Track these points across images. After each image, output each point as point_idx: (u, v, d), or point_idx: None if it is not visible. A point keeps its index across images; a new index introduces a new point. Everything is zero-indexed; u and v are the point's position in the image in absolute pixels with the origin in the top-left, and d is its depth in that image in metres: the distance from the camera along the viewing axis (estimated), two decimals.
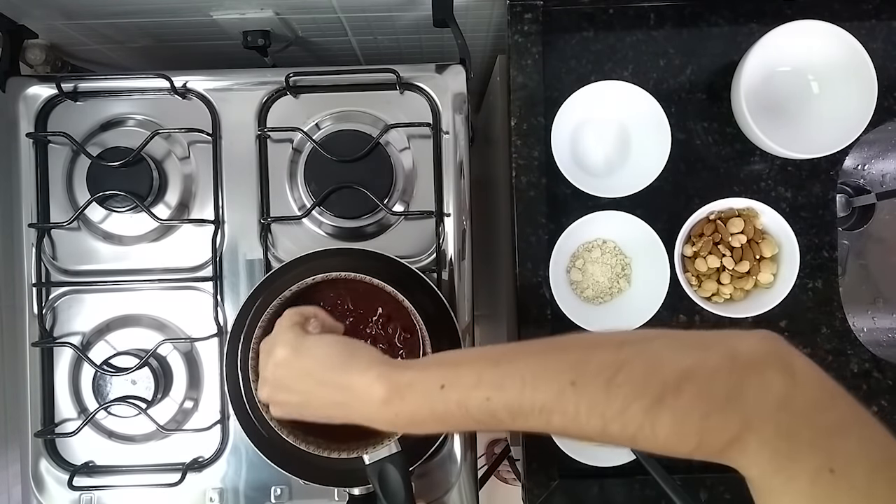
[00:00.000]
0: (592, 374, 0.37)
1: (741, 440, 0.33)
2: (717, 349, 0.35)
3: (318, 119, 0.72)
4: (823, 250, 0.74)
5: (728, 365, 0.34)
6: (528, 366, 0.40)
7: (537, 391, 0.38)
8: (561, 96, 0.71)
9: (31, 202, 0.71)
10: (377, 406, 0.44)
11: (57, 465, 0.71)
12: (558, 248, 0.69)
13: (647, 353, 0.37)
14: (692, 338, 0.38)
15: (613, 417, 0.36)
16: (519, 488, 0.72)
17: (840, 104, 0.69)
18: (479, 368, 0.42)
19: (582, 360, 0.38)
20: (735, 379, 0.34)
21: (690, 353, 0.36)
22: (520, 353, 0.42)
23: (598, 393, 0.36)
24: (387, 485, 0.55)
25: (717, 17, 0.74)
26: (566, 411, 0.37)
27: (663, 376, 0.35)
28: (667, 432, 0.34)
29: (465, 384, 0.41)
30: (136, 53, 0.93)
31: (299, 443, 0.58)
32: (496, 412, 0.40)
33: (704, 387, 0.34)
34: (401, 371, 0.45)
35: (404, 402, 0.43)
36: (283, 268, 0.65)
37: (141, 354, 0.70)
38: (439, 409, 0.42)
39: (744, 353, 0.35)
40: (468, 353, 0.46)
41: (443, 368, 0.44)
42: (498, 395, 0.40)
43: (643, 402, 0.35)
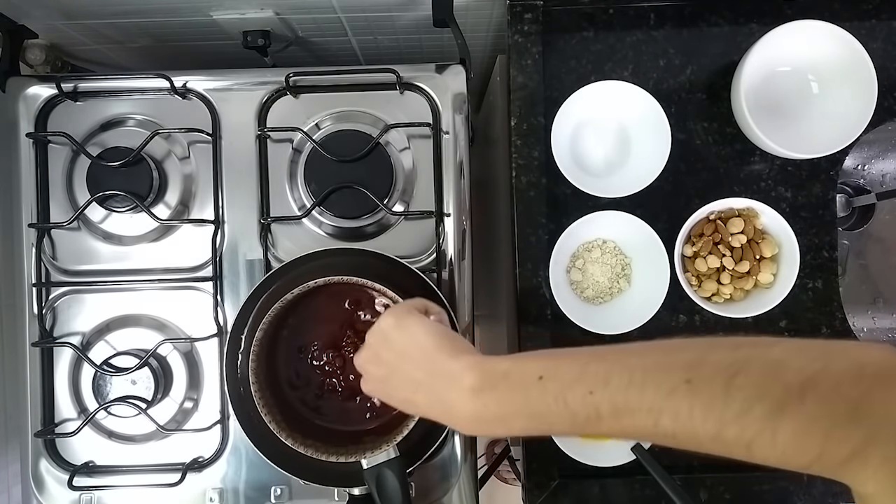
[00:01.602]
0: (710, 373, 0.35)
1: (864, 454, 0.31)
2: (842, 358, 0.34)
3: (318, 119, 0.72)
4: (823, 250, 0.74)
5: (854, 375, 0.33)
6: (639, 361, 0.37)
7: (647, 388, 0.36)
8: (561, 96, 0.71)
9: (31, 202, 0.71)
10: (465, 395, 0.42)
11: (57, 465, 0.71)
12: (558, 248, 0.69)
13: (767, 356, 0.35)
14: (813, 345, 0.36)
15: (731, 420, 0.33)
16: (519, 488, 0.72)
17: (840, 104, 0.69)
18: (583, 361, 0.39)
19: (697, 360, 0.36)
20: (861, 390, 0.32)
21: (814, 359, 0.34)
22: (627, 351, 0.40)
23: (716, 393, 0.34)
24: (384, 490, 0.56)
25: (717, 17, 0.74)
26: (678, 412, 0.35)
27: (786, 381, 0.33)
28: (787, 440, 0.33)
29: (567, 376, 0.39)
30: (136, 53, 0.93)
31: (297, 445, 0.58)
32: (599, 408, 0.37)
33: (829, 396, 0.32)
34: (496, 360, 0.43)
35: (496, 392, 0.41)
36: (283, 268, 0.65)
37: (141, 354, 0.70)
38: (534, 401, 0.39)
39: (871, 364, 0.33)
40: (568, 350, 0.43)
41: (541, 360, 0.41)
42: (603, 389, 0.37)
43: (764, 407, 0.33)
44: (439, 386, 0.44)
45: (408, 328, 0.48)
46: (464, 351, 0.45)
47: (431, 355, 0.45)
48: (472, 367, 0.42)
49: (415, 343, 0.47)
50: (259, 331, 0.59)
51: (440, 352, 0.45)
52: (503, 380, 0.41)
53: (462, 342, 0.48)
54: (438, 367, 0.44)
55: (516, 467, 1.02)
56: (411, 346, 0.47)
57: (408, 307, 0.51)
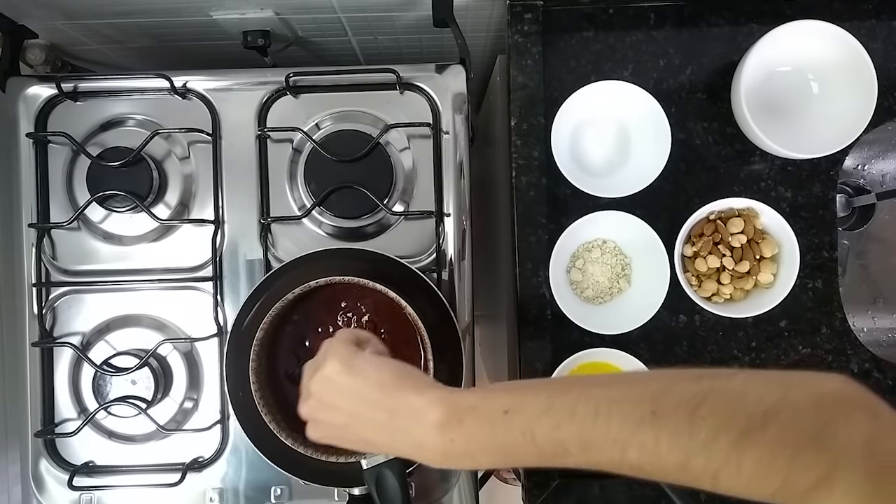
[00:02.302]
0: (674, 404, 0.35)
1: (829, 481, 0.31)
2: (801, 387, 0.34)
3: (318, 119, 0.72)
4: (823, 250, 0.74)
5: (815, 403, 0.33)
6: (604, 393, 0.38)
7: (612, 421, 0.36)
8: (561, 96, 0.71)
9: (31, 202, 0.71)
10: (431, 430, 0.41)
11: (57, 465, 0.71)
12: (558, 248, 0.69)
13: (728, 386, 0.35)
14: (772, 375, 0.36)
15: (697, 451, 0.34)
16: (519, 488, 0.72)
17: (840, 104, 0.69)
18: (549, 394, 0.39)
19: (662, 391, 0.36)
20: (822, 418, 0.32)
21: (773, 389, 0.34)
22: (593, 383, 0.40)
23: (681, 424, 0.35)
24: (384, 490, 0.55)
25: (717, 17, 0.74)
26: (645, 443, 0.35)
27: (748, 411, 0.34)
28: (753, 469, 0.33)
29: (533, 410, 0.39)
30: (136, 53, 0.93)
31: (297, 445, 0.58)
32: (565, 442, 0.37)
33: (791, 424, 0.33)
34: (461, 394, 0.42)
35: (463, 427, 0.40)
36: (283, 268, 0.65)
37: (141, 354, 0.70)
38: (501, 436, 0.39)
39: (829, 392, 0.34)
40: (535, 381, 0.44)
41: (508, 393, 0.41)
42: (569, 422, 0.37)
43: (729, 436, 0.33)
44: (404, 424, 0.43)
45: (357, 371, 0.46)
46: (425, 386, 0.44)
47: (392, 394, 0.44)
48: (437, 402, 0.42)
49: (371, 384, 0.45)
50: (259, 330, 0.59)
51: (402, 389, 0.44)
52: (469, 414, 0.41)
53: (419, 375, 0.46)
54: (401, 405, 0.43)
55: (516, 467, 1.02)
56: (367, 388, 0.45)
57: (346, 347, 0.48)
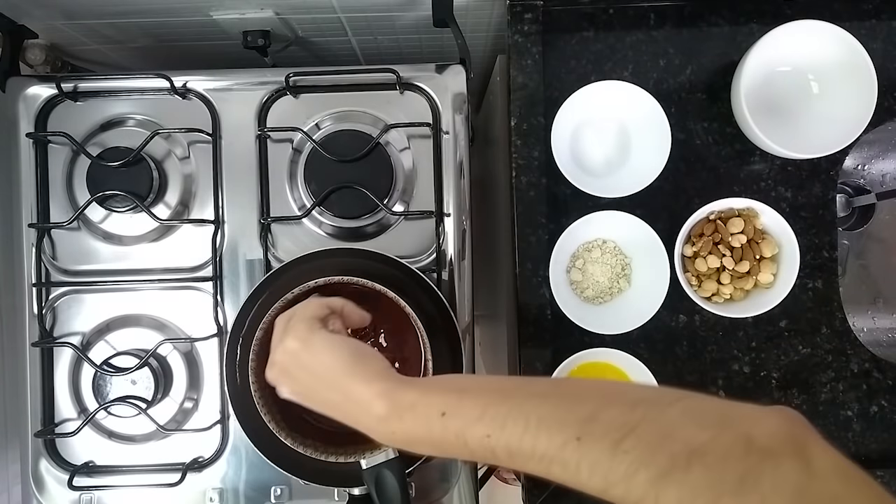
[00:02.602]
0: (600, 432, 0.36)
1: None
2: (735, 428, 0.34)
3: (318, 119, 0.72)
4: (823, 250, 0.74)
5: (743, 448, 0.33)
6: (535, 409, 0.39)
7: (539, 438, 0.37)
8: (561, 96, 0.71)
9: (31, 202, 0.71)
10: (375, 421, 0.44)
11: (57, 465, 0.71)
12: (558, 248, 0.69)
13: (660, 419, 0.35)
14: (711, 409, 0.36)
15: (617, 482, 0.34)
16: (519, 488, 0.72)
17: (840, 104, 0.69)
18: (485, 402, 0.41)
19: (591, 416, 0.37)
20: (749, 463, 0.32)
21: (705, 428, 0.34)
22: (530, 394, 0.41)
23: (604, 454, 0.35)
24: (383, 490, 0.55)
25: (717, 17, 0.74)
26: (567, 464, 0.36)
27: (673, 450, 0.33)
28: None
29: (467, 416, 0.40)
30: (136, 53, 0.93)
31: (297, 445, 0.58)
32: (495, 450, 0.39)
33: (715, 468, 0.33)
34: (404, 390, 0.44)
35: (402, 423, 0.43)
36: (283, 268, 0.65)
37: (141, 354, 0.70)
38: (436, 435, 0.42)
39: (760, 435, 0.33)
40: (477, 382, 0.46)
41: (447, 395, 0.43)
42: (499, 433, 0.39)
43: (649, 473, 0.33)
44: (352, 409, 0.46)
45: (314, 351, 0.48)
46: (374, 375, 0.46)
47: (343, 380, 0.46)
48: (380, 395, 0.44)
49: (325, 367, 0.48)
50: (259, 331, 0.59)
51: (352, 377, 0.46)
52: (409, 412, 0.43)
53: (371, 359, 0.48)
54: (350, 391, 0.46)
55: None
56: (322, 369, 0.48)
57: (308, 323, 0.50)
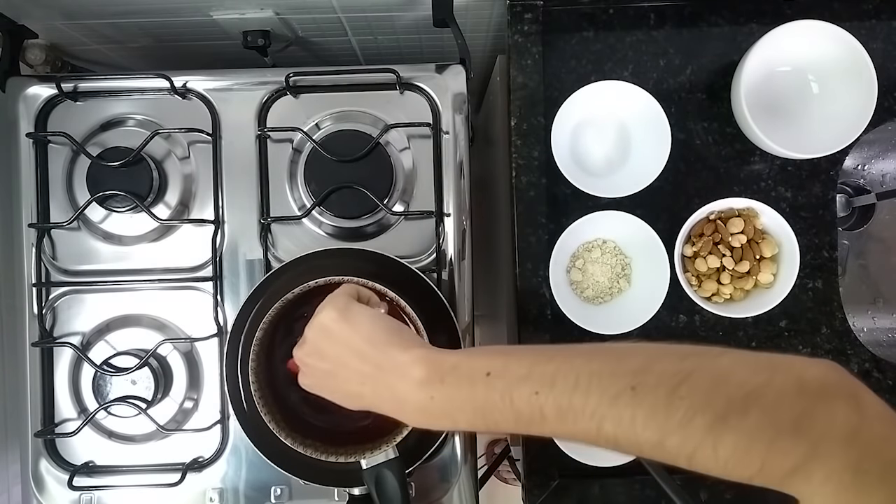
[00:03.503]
0: (654, 382, 0.35)
1: (807, 469, 0.31)
2: (786, 372, 0.34)
3: (318, 119, 0.72)
4: (823, 250, 0.74)
5: (796, 389, 0.33)
6: (585, 365, 0.38)
7: (591, 393, 0.36)
8: (561, 96, 0.71)
9: (31, 202, 0.71)
10: (413, 386, 0.42)
11: (57, 465, 0.71)
12: (558, 248, 0.69)
13: (712, 367, 0.35)
14: (759, 357, 0.36)
15: (673, 430, 0.34)
16: (519, 488, 0.72)
17: (840, 104, 0.69)
18: (531, 360, 0.39)
19: (644, 367, 0.36)
20: (804, 405, 0.32)
21: (758, 372, 0.34)
22: (577, 352, 0.40)
23: (659, 402, 0.34)
24: (383, 491, 0.55)
25: (717, 17, 0.74)
26: (621, 418, 0.35)
27: (729, 393, 0.33)
28: (729, 453, 0.33)
29: (514, 375, 0.39)
30: (136, 53, 0.93)
31: (297, 445, 0.58)
32: (543, 409, 0.38)
33: (771, 409, 0.33)
34: (445, 354, 0.43)
35: (444, 386, 0.41)
36: (283, 268, 0.65)
37: (141, 354, 0.70)
38: (480, 397, 0.40)
39: (812, 379, 0.33)
40: (519, 347, 0.44)
41: (491, 356, 0.41)
42: (548, 391, 0.37)
43: (706, 418, 0.33)
44: (388, 378, 0.44)
45: (352, 320, 0.47)
46: (413, 343, 0.45)
47: (380, 348, 0.45)
48: (420, 359, 0.43)
49: (361, 336, 0.46)
50: (259, 330, 0.59)
51: (390, 344, 0.45)
52: (451, 373, 0.41)
53: (409, 333, 0.47)
54: (387, 359, 0.44)
55: (516, 467, 1.02)
56: (357, 338, 0.46)
57: (346, 297, 0.50)
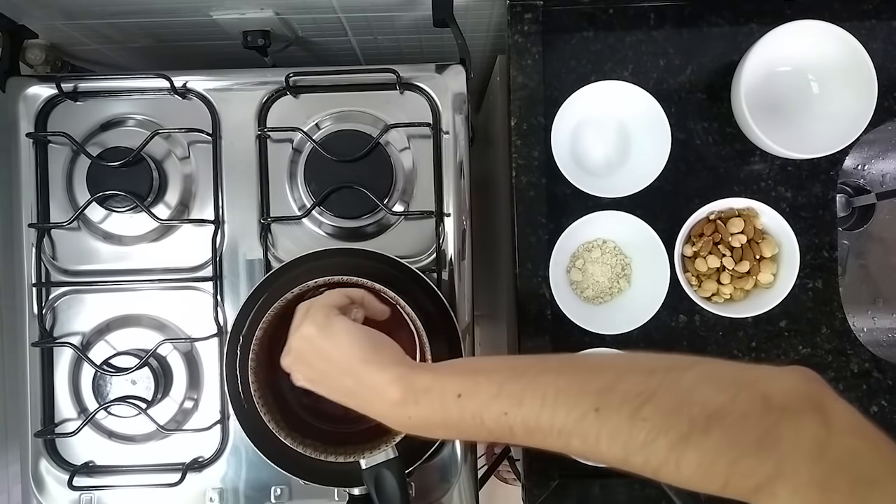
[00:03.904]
0: (618, 402, 0.36)
1: (771, 486, 0.32)
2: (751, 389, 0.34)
3: (318, 119, 0.72)
4: (823, 250, 0.74)
5: (760, 407, 0.33)
6: (552, 383, 0.38)
7: (558, 412, 0.37)
8: (561, 96, 0.71)
9: (31, 202, 0.71)
10: (391, 406, 0.44)
11: (57, 465, 0.71)
12: (558, 248, 0.69)
13: (677, 385, 0.35)
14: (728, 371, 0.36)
15: (637, 450, 0.35)
16: (519, 488, 0.72)
17: (840, 104, 0.69)
18: (500, 380, 0.40)
19: (609, 387, 0.37)
20: (768, 423, 0.32)
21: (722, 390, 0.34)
22: (545, 369, 0.41)
23: (623, 423, 0.35)
24: (383, 490, 0.55)
25: (717, 17, 0.74)
26: (587, 436, 0.36)
27: (691, 413, 0.34)
28: (692, 471, 0.33)
29: (483, 395, 0.40)
30: (136, 53, 0.93)
31: (297, 445, 0.58)
32: (513, 427, 0.39)
33: (734, 429, 0.33)
34: (419, 374, 0.44)
35: (418, 407, 0.43)
36: (283, 268, 0.65)
37: (141, 354, 0.70)
38: (453, 417, 0.41)
39: (777, 394, 0.33)
40: (490, 362, 0.45)
41: (462, 376, 0.43)
42: (516, 410, 0.39)
43: (669, 438, 0.34)
44: (367, 395, 0.46)
45: (331, 337, 0.48)
46: (390, 361, 0.46)
47: (358, 367, 0.46)
48: (395, 380, 0.44)
49: (340, 353, 0.48)
50: (259, 330, 0.59)
51: (367, 362, 0.46)
52: (424, 395, 0.43)
53: (388, 348, 0.48)
54: (365, 378, 0.46)
55: (516, 467, 1.02)
56: (337, 355, 0.48)
57: (326, 310, 0.50)
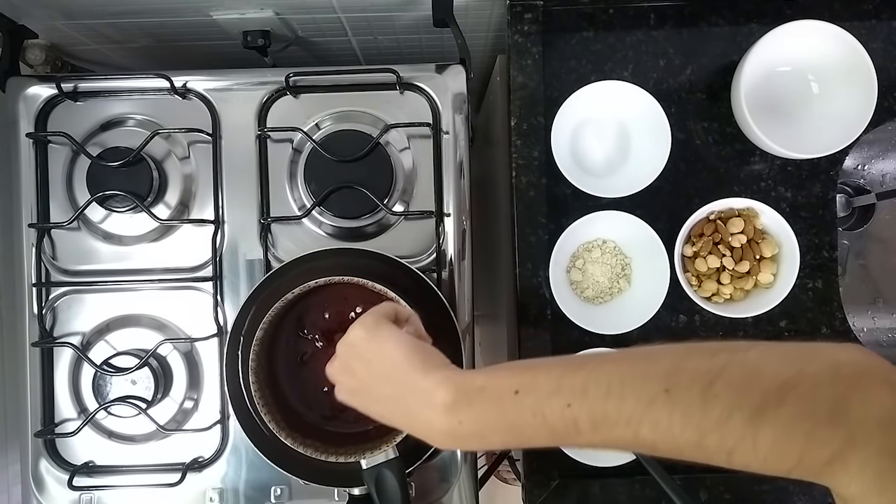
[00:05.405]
0: (687, 382, 0.35)
1: (843, 456, 0.31)
2: (818, 360, 0.34)
3: (318, 119, 0.72)
4: (823, 250, 0.74)
5: (830, 377, 0.32)
6: (615, 372, 0.37)
7: (625, 399, 0.36)
8: (561, 96, 0.71)
9: (31, 202, 0.71)
10: (440, 412, 0.41)
11: (57, 465, 0.71)
12: (558, 248, 0.69)
13: (744, 361, 0.35)
14: (789, 348, 0.36)
15: (711, 429, 0.33)
16: (519, 488, 0.72)
17: (840, 104, 0.69)
18: (559, 373, 0.39)
19: (675, 368, 0.35)
20: (839, 392, 0.32)
21: (790, 363, 0.34)
22: (604, 360, 0.39)
23: (695, 402, 0.34)
24: (383, 490, 0.56)
25: (717, 17, 0.74)
26: (658, 422, 0.35)
27: (764, 386, 0.33)
28: (768, 446, 0.33)
29: (543, 389, 0.38)
30: (136, 53, 0.93)
31: (297, 445, 0.58)
32: (577, 421, 0.37)
33: (807, 399, 0.32)
34: (470, 375, 0.42)
35: (472, 409, 0.40)
36: (283, 268, 0.65)
37: (141, 354, 0.70)
38: (511, 416, 0.39)
39: (845, 364, 0.33)
40: (544, 360, 0.42)
41: (517, 373, 0.40)
42: (580, 401, 0.37)
43: (744, 413, 0.33)
44: (411, 403, 0.43)
45: (378, 341, 0.47)
46: (435, 366, 0.44)
47: (401, 371, 0.44)
48: (443, 382, 0.41)
49: (384, 358, 0.46)
50: (259, 330, 0.59)
51: (410, 368, 0.44)
52: (478, 395, 0.40)
53: (433, 355, 0.46)
54: (409, 383, 0.43)
55: (516, 467, 1.02)
56: (381, 360, 0.46)
57: (377, 317, 0.50)
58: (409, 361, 0.45)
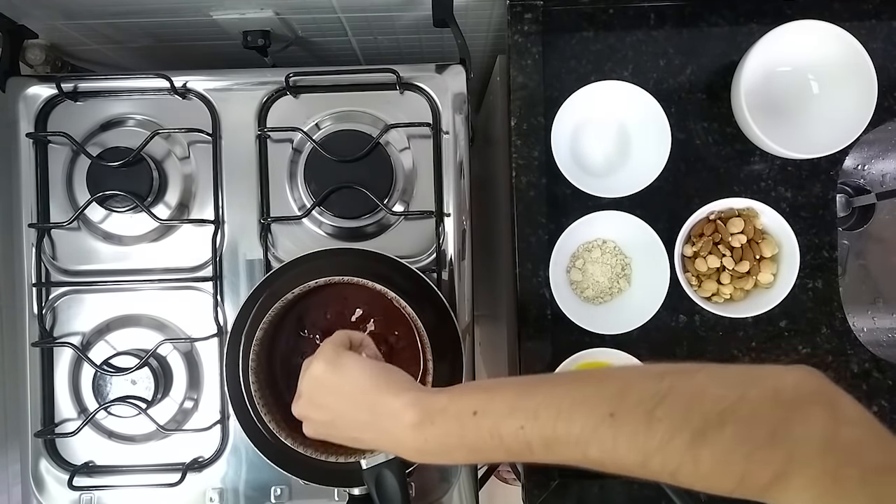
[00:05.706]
0: (632, 405, 0.36)
1: (785, 477, 0.32)
2: (761, 384, 0.35)
3: (318, 119, 0.72)
4: (823, 250, 0.74)
5: (771, 400, 0.34)
6: (566, 395, 0.39)
7: (574, 422, 0.37)
8: (561, 96, 0.71)
9: (31, 202, 0.71)
10: (407, 430, 0.44)
11: (57, 465, 0.71)
12: (558, 248, 0.69)
13: (688, 385, 0.36)
14: (734, 372, 0.37)
15: (654, 452, 0.35)
16: (519, 488, 0.72)
17: (840, 104, 0.69)
18: (514, 396, 0.41)
19: (621, 392, 0.37)
20: (779, 415, 0.33)
21: (733, 387, 0.35)
22: (557, 383, 0.41)
23: (638, 426, 0.35)
24: (383, 490, 0.55)
25: (717, 17, 0.74)
26: (604, 444, 0.36)
27: (705, 410, 0.34)
28: (709, 468, 0.34)
29: (499, 411, 0.41)
30: (136, 53, 0.93)
31: (297, 446, 0.58)
32: (530, 442, 0.39)
33: (747, 422, 0.33)
34: (434, 396, 0.44)
35: (435, 428, 0.43)
36: (283, 268, 0.65)
37: (141, 354, 0.70)
38: (470, 436, 0.41)
39: (787, 388, 0.34)
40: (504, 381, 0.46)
41: (476, 395, 0.43)
42: (532, 424, 0.39)
43: (684, 437, 0.34)
44: (384, 423, 0.46)
45: (342, 371, 0.49)
46: (403, 387, 0.46)
47: (372, 396, 0.47)
48: (412, 404, 0.44)
49: (352, 384, 0.48)
50: (259, 330, 0.59)
51: (380, 390, 0.46)
52: (440, 415, 0.43)
53: (398, 376, 0.48)
54: (380, 406, 0.46)
55: (516, 467, 1.02)
56: (350, 388, 0.48)
57: (334, 346, 0.51)
58: (376, 385, 0.47)
